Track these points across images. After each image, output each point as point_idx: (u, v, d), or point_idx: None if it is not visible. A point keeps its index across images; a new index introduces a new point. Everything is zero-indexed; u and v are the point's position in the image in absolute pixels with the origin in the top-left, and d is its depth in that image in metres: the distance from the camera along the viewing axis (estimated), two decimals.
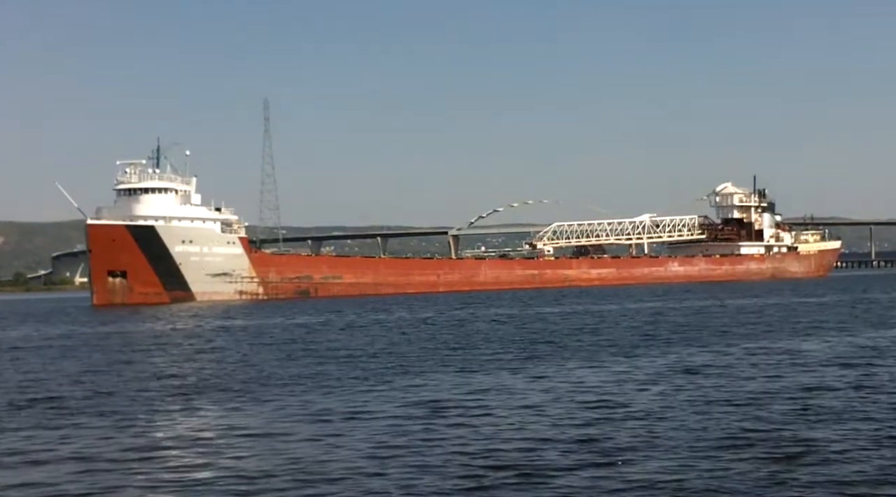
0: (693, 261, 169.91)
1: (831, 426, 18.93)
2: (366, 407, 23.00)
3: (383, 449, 17.76)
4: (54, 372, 33.69)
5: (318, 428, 20.28)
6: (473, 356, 35.46)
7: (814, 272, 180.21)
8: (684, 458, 16.27)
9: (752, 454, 16.51)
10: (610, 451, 16.98)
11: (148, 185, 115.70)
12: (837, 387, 24.69)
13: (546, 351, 36.96)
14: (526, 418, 20.74)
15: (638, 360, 32.78)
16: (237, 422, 21.41)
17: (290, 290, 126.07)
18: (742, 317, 57.45)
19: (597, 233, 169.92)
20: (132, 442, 19.19)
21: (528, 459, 16.54)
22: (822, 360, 31.30)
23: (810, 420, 19.72)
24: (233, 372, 32.12)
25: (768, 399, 22.69)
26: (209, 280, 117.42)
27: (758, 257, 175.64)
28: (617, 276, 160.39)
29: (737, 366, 30.23)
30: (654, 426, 19.32)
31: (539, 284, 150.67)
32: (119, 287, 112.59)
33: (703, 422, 19.68)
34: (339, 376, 29.75)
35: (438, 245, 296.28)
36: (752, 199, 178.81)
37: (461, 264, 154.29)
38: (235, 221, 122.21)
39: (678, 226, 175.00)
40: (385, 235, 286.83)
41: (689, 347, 36.99)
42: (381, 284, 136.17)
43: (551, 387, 25.98)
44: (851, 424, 19.08)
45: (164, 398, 25.64)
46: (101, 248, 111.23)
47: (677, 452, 16.80)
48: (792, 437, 17.80)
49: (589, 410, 21.62)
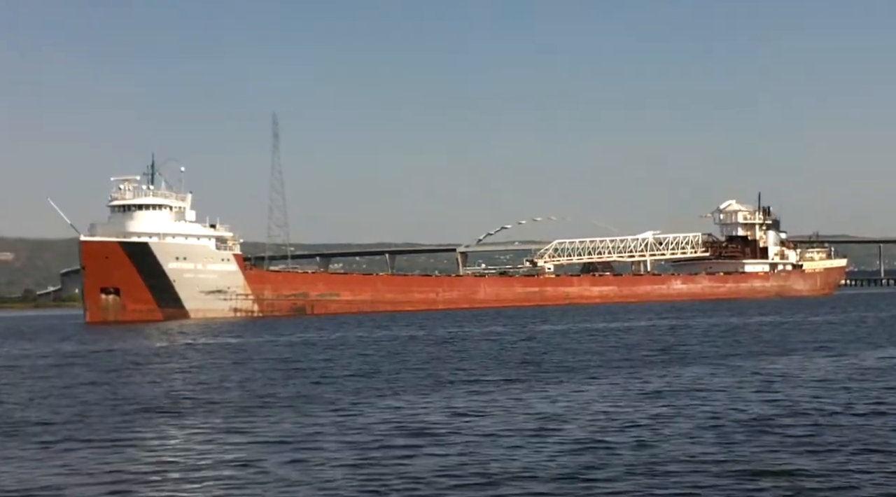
0: (696, 278, 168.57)
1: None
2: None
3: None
4: (7, 394, 33.09)
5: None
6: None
7: (819, 290, 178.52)
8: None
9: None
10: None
11: (142, 202, 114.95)
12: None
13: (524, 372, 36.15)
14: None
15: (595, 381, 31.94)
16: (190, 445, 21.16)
17: (286, 307, 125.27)
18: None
19: (599, 250, 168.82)
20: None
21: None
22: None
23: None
24: (191, 393, 31.56)
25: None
26: (203, 297, 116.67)
27: (762, 275, 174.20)
28: (619, 293, 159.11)
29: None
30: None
31: (540, 302, 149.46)
32: (112, 304, 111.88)
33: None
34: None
35: (447, 262, 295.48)
36: (756, 216, 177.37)
37: (460, 282, 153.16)
38: (230, 238, 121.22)
39: (682, 243, 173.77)
40: (393, 252, 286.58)
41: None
42: (379, 302, 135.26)
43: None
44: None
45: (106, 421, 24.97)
46: (95, 264, 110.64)
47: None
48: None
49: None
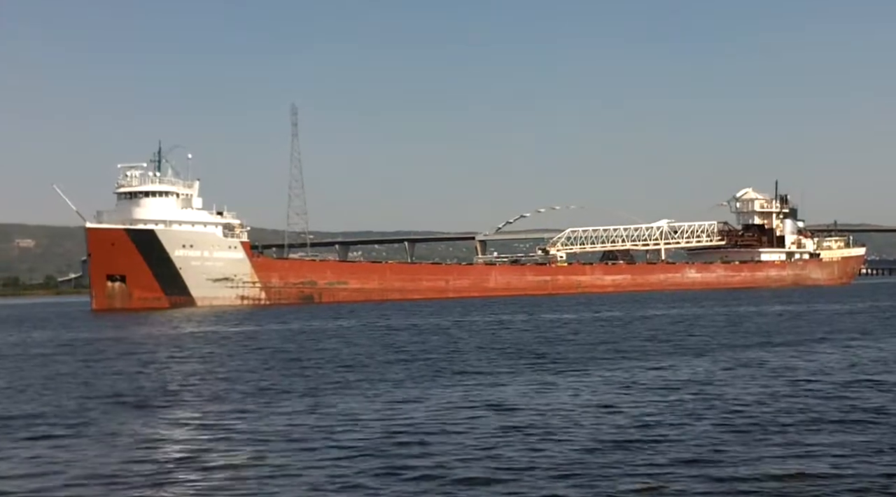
0: (711, 267, 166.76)
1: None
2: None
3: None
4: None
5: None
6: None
7: (836, 279, 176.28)
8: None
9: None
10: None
11: (148, 189, 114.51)
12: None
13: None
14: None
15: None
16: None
17: (294, 295, 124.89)
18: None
19: (613, 238, 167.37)
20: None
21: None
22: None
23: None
24: (171, 384, 30.84)
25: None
26: (210, 285, 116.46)
27: (778, 264, 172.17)
28: (632, 282, 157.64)
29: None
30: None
31: (551, 291, 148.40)
32: (118, 292, 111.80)
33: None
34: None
35: (466, 250, 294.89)
36: (773, 204, 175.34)
37: (471, 270, 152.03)
38: (238, 225, 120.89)
39: (697, 231, 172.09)
40: (412, 240, 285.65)
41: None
42: (387, 290, 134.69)
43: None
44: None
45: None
46: (101, 252, 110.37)
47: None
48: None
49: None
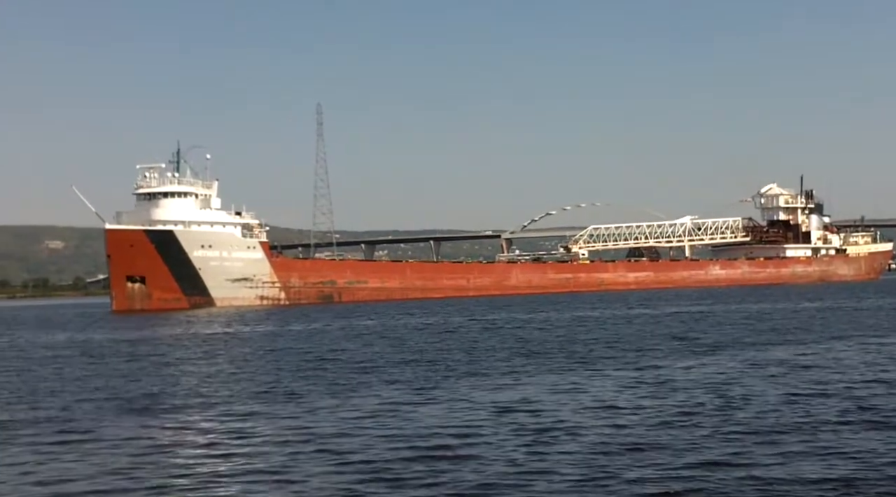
0: (735, 264, 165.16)
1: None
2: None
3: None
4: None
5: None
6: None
7: (864, 275, 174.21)
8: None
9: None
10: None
11: (167, 189, 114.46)
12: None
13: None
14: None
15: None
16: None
17: (313, 295, 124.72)
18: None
19: (636, 235, 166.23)
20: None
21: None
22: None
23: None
24: (175, 387, 30.44)
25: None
26: (229, 285, 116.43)
27: (804, 260, 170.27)
28: (655, 279, 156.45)
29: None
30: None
31: (573, 288, 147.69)
32: (138, 293, 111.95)
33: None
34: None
35: (491, 248, 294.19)
36: (798, 200, 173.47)
37: (492, 268, 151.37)
38: (256, 225, 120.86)
39: (721, 228, 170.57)
40: (438, 239, 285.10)
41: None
42: (408, 289, 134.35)
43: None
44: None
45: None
46: (120, 253, 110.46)
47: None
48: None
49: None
